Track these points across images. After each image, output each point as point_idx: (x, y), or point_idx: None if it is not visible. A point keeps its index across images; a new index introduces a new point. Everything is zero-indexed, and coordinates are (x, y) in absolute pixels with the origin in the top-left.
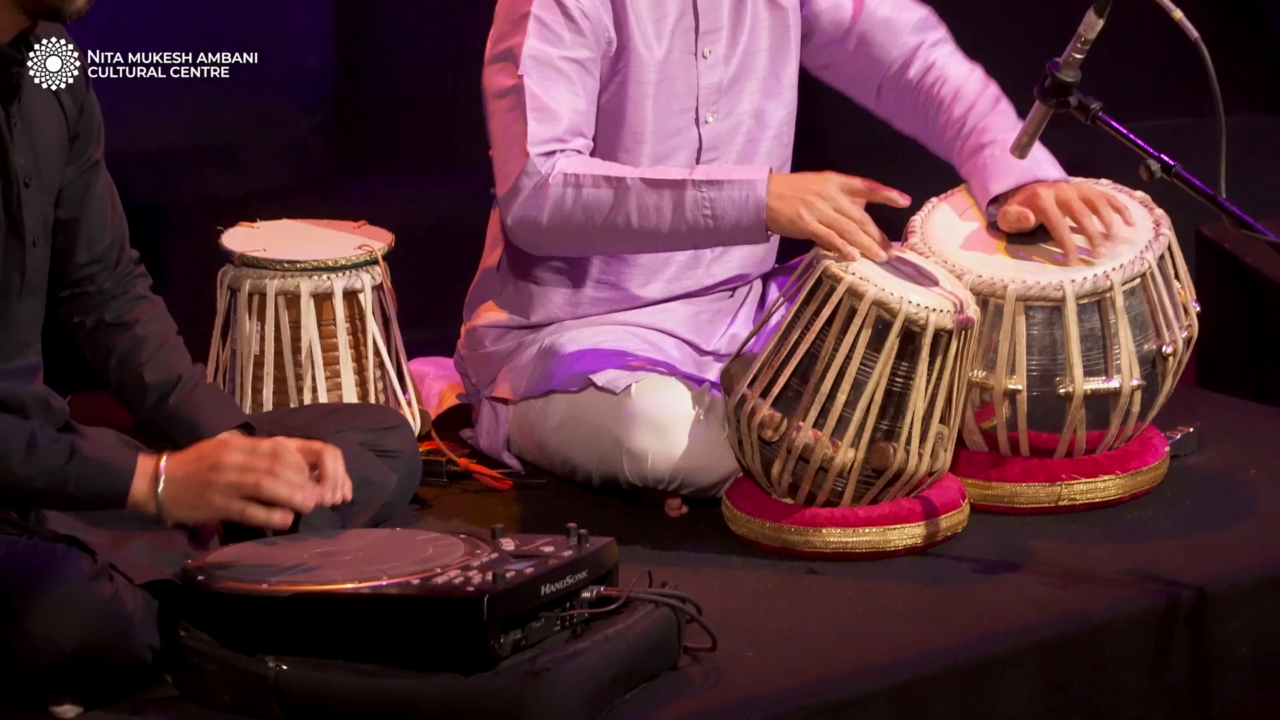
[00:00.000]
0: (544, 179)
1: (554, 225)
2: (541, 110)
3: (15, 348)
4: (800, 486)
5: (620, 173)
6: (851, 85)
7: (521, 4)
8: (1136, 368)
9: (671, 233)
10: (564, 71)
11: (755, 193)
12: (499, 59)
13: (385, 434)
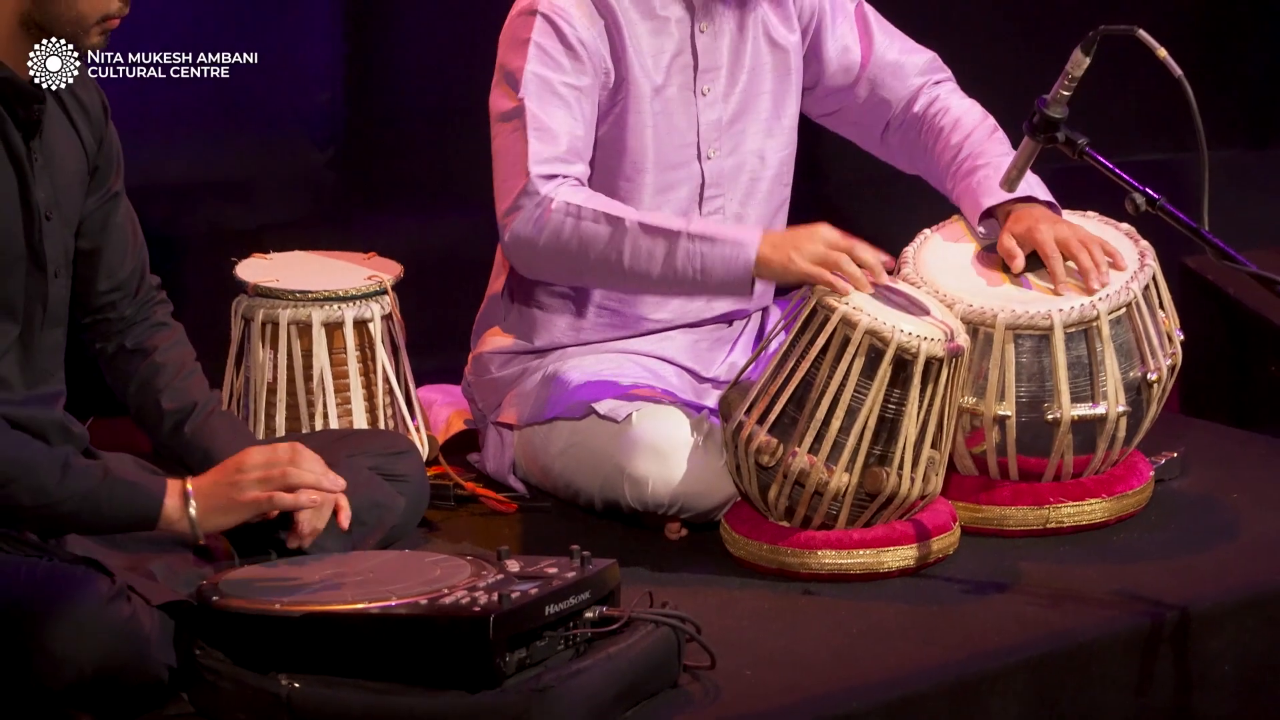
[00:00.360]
0: (545, 200)
1: (548, 250)
2: (542, 131)
3: (39, 376)
4: (796, 510)
5: (620, 212)
6: (857, 130)
7: (522, 31)
8: (1122, 394)
9: (660, 279)
10: (563, 96)
11: (744, 254)
12: (501, 83)
13: (394, 459)
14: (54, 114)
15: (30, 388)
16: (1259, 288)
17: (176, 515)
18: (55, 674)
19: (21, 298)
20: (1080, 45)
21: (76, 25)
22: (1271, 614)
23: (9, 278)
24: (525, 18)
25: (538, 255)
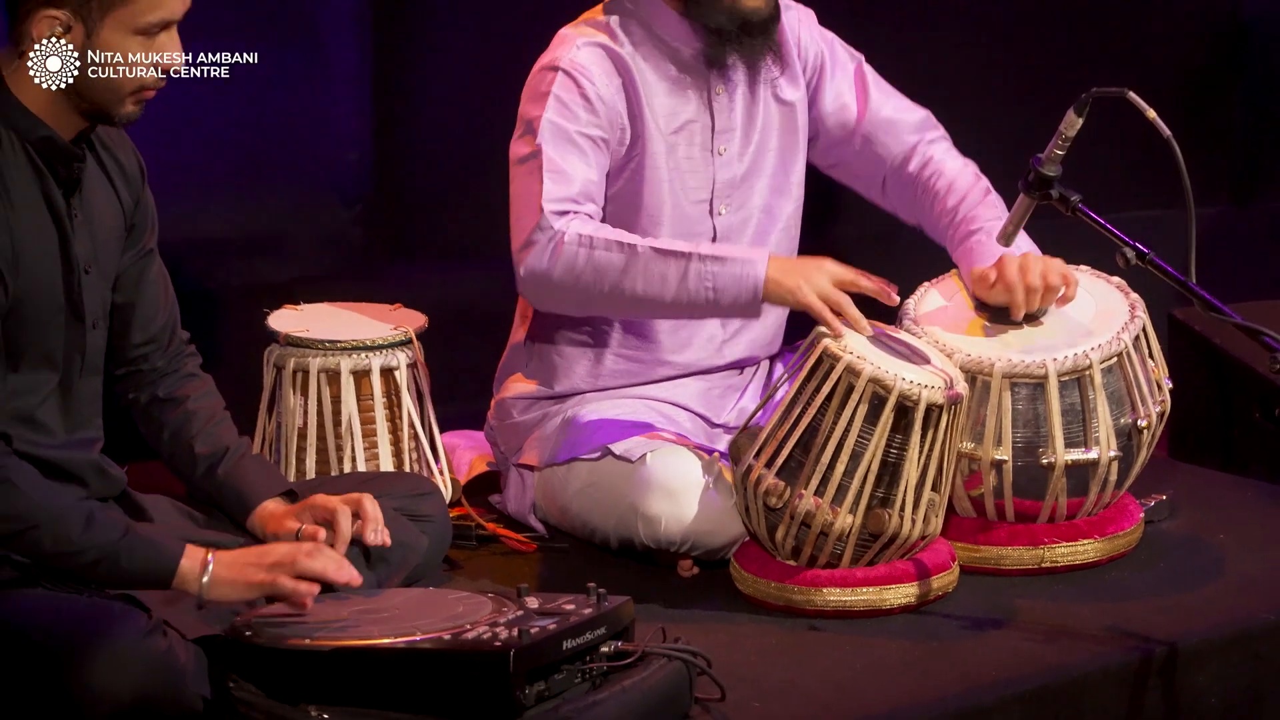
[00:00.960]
0: (558, 235)
1: (563, 281)
2: (557, 173)
3: (78, 421)
4: (802, 549)
5: (631, 240)
6: (858, 181)
7: (543, 84)
8: (1114, 440)
9: (673, 301)
10: (578, 144)
11: (754, 271)
12: (522, 131)
13: (418, 500)
14: (93, 173)
15: (70, 432)
16: (1244, 338)
17: (190, 579)
18: (95, 705)
19: (61, 347)
20: (1073, 106)
21: (112, 94)
22: (1256, 650)
23: (49, 328)
24: (546, 72)
25: (552, 288)
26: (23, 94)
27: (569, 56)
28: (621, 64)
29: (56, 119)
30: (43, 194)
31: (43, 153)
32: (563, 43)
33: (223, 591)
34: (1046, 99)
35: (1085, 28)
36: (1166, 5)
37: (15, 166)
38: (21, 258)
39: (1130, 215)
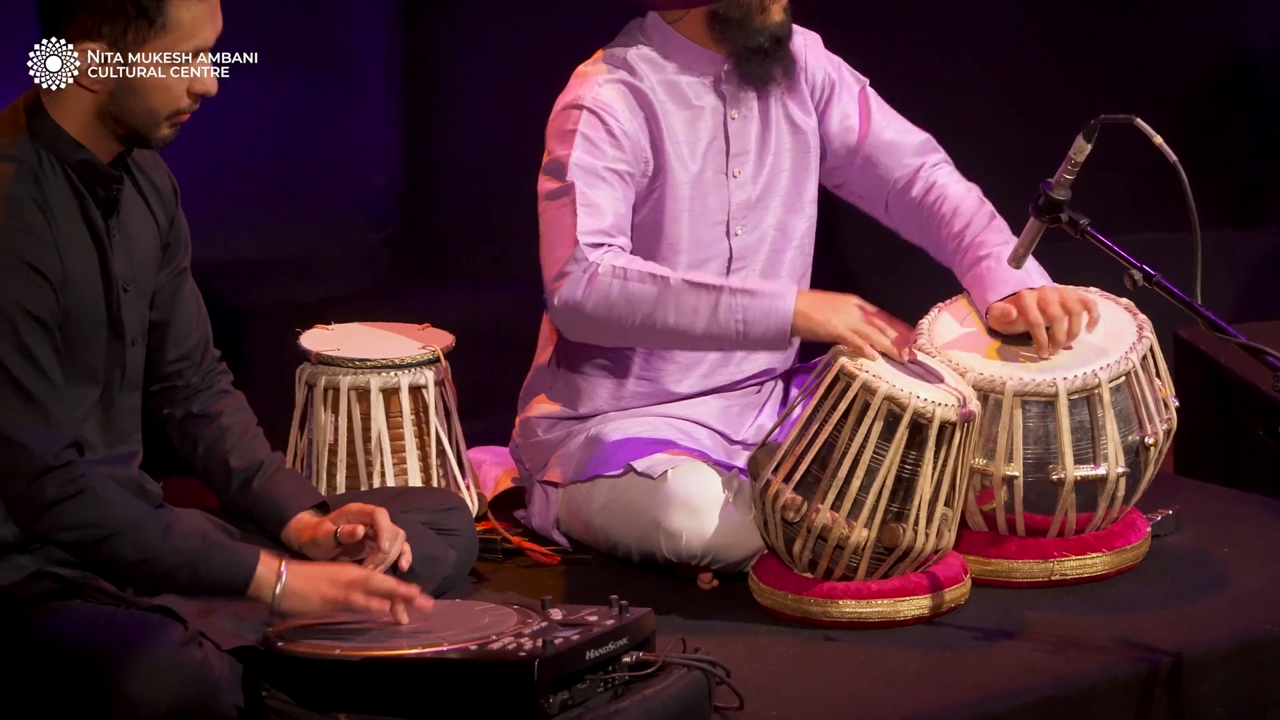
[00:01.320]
0: (592, 267)
1: (596, 312)
2: (590, 207)
3: (118, 436)
4: (819, 562)
5: (663, 272)
6: (862, 201)
7: (568, 123)
8: (1121, 456)
9: (703, 334)
10: (606, 179)
11: (783, 305)
12: (549, 168)
13: (446, 515)
14: (130, 195)
15: (110, 447)
16: (1248, 357)
17: (264, 587)
18: (132, 715)
19: (102, 364)
20: (1082, 133)
21: (149, 119)
22: (1259, 660)
23: (90, 344)
24: (571, 111)
25: (585, 318)
26: (63, 119)
27: (592, 94)
28: (642, 98)
29: (95, 142)
30: (83, 215)
31: (82, 175)
32: (584, 81)
33: (294, 603)
34: (1056, 125)
35: (1094, 56)
36: (1173, 35)
37: (56, 189)
38: (68, 276)
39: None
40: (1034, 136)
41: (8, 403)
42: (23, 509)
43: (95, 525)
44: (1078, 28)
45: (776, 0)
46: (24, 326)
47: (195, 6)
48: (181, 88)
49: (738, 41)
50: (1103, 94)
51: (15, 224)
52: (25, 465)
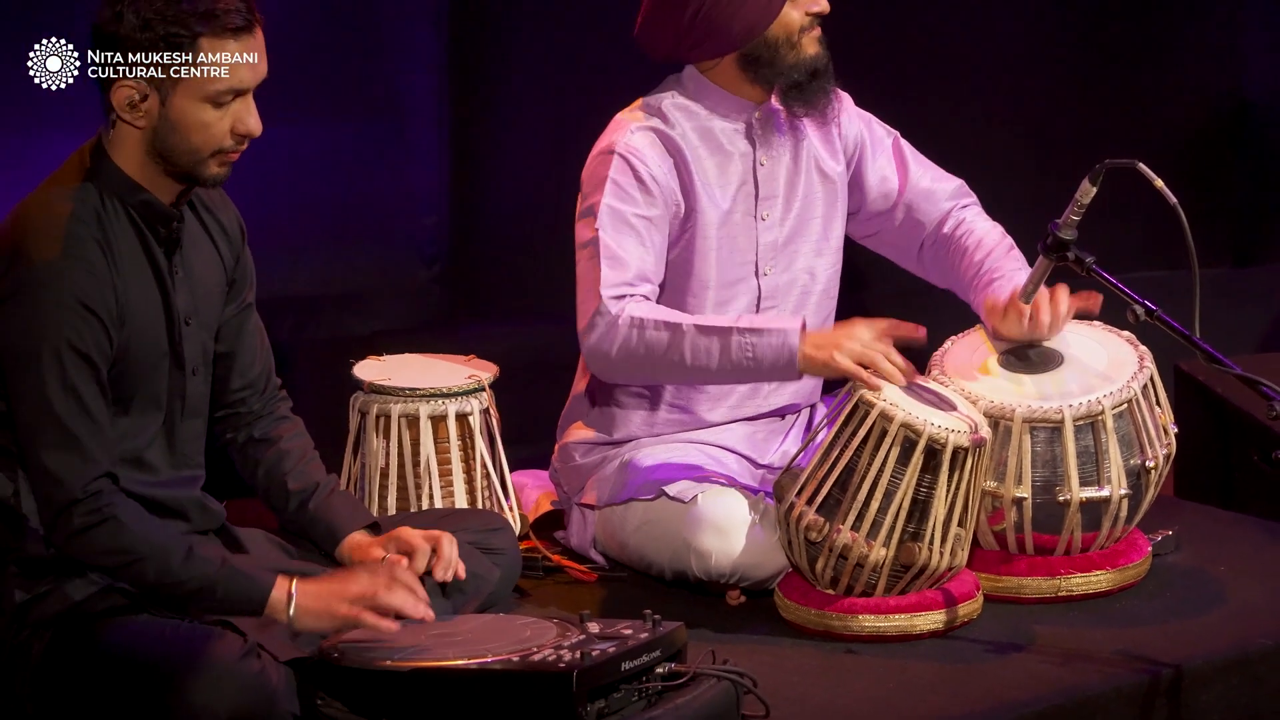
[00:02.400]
0: (614, 318)
1: (621, 358)
2: (613, 259)
3: (180, 461)
4: (840, 579)
5: (677, 319)
6: (895, 250)
7: (601, 169)
8: (1124, 479)
9: (719, 370)
10: (635, 226)
11: (789, 340)
12: (583, 215)
13: (490, 534)
14: (196, 233)
15: (174, 470)
16: (1243, 387)
17: (278, 609)
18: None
19: (164, 392)
20: (1088, 176)
21: (192, 156)
22: (1255, 672)
23: (154, 374)
24: (604, 156)
25: (612, 364)
26: (123, 162)
27: (624, 141)
28: (673, 145)
29: (152, 182)
30: (145, 252)
31: (143, 215)
32: (618, 128)
33: (308, 621)
34: (1064, 169)
35: (1100, 104)
36: (1175, 85)
37: (118, 229)
38: (126, 312)
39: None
40: (1043, 180)
41: (48, 435)
42: (55, 536)
43: (120, 551)
44: (1085, 78)
45: (806, 34)
46: (71, 363)
47: (229, 45)
48: (223, 126)
49: (771, 80)
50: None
51: (73, 262)
52: (57, 495)
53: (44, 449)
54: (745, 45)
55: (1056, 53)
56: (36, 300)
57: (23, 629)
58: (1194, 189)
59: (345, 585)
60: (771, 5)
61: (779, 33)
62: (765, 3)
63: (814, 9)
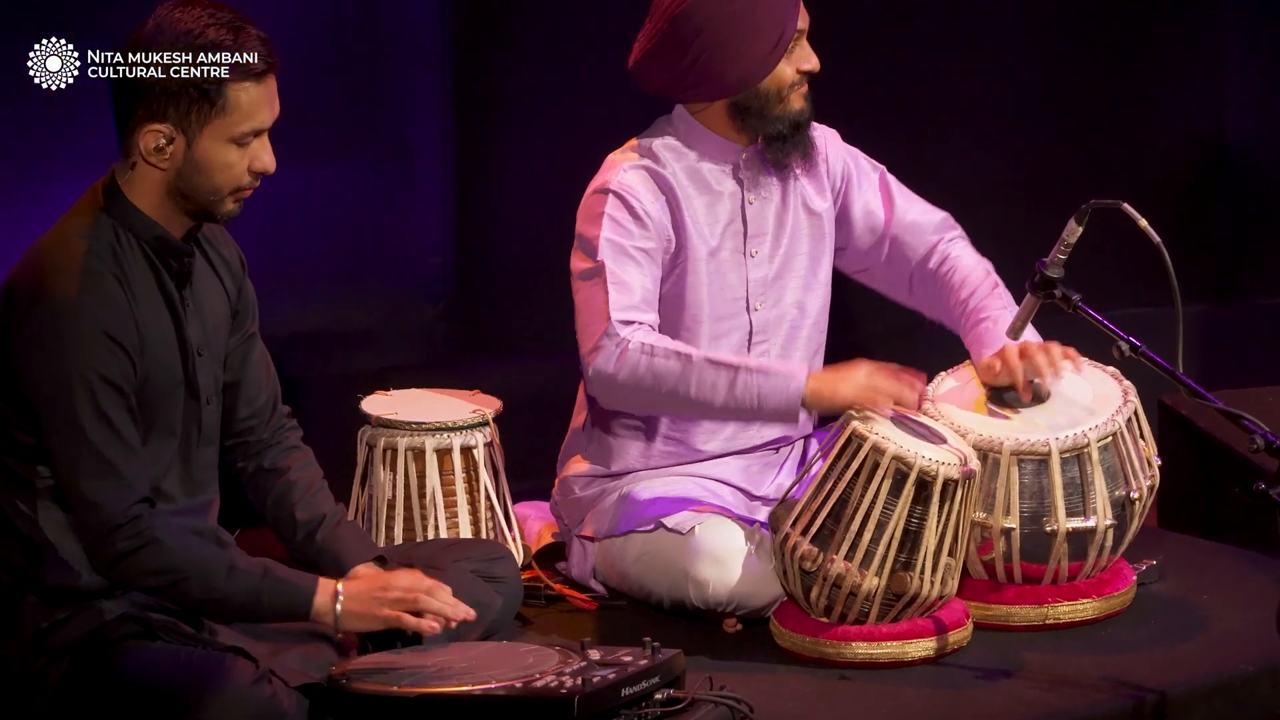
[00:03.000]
0: (624, 342)
1: (626, 383)
2: (620, 284)
3: (196, 487)
4: (834, 608)
5: (687, 350)
6: (885, 284)
7: (597, 206)
8: (1109, 510)
9: (722, 407)
10: (634, 257)
11: (794, 384)
12: (581, 248)
13: (494, 564)
14: (202, 267)
15: (190, 497)
16: (1225, 421)
17: (324, 611)
18: None
19: (180, 421)
20: (1074, 216)
21: (213, 195)
22: (1237, 697)
23: (169, 403)
24: (599, 195)
25: (617, 388)
26: (138, 199)
27: (618, 179)
28: (664, 183)
29: (167, 219)
30: (159, 286)
31: (157, 250)
32: (611, 168)
33: (354, 624)
34: (1051, 209)
35: (1086, 146)
36: (1159, 126)
37: (134, 264)
38: (146, 342)
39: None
40: (1031, 219)
41: (84, 464)
42: (99, 561)
43: (165, 572)
44: (1071, 121)
45: (795, 89)
46: (101, 393)
47: (253, 90)
48: (243, 165)
49: (757, 129)
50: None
51: (94, 296)
52: (99, 521)
53: (82, 478)
54: (737, 94)
55: (1043, 96)
56: (61, 334)
57: (41, 655)
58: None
59: (388, 588)
60: (767, 60)
61: (770, 86)
62: (761, 57)
63: (805, 67)
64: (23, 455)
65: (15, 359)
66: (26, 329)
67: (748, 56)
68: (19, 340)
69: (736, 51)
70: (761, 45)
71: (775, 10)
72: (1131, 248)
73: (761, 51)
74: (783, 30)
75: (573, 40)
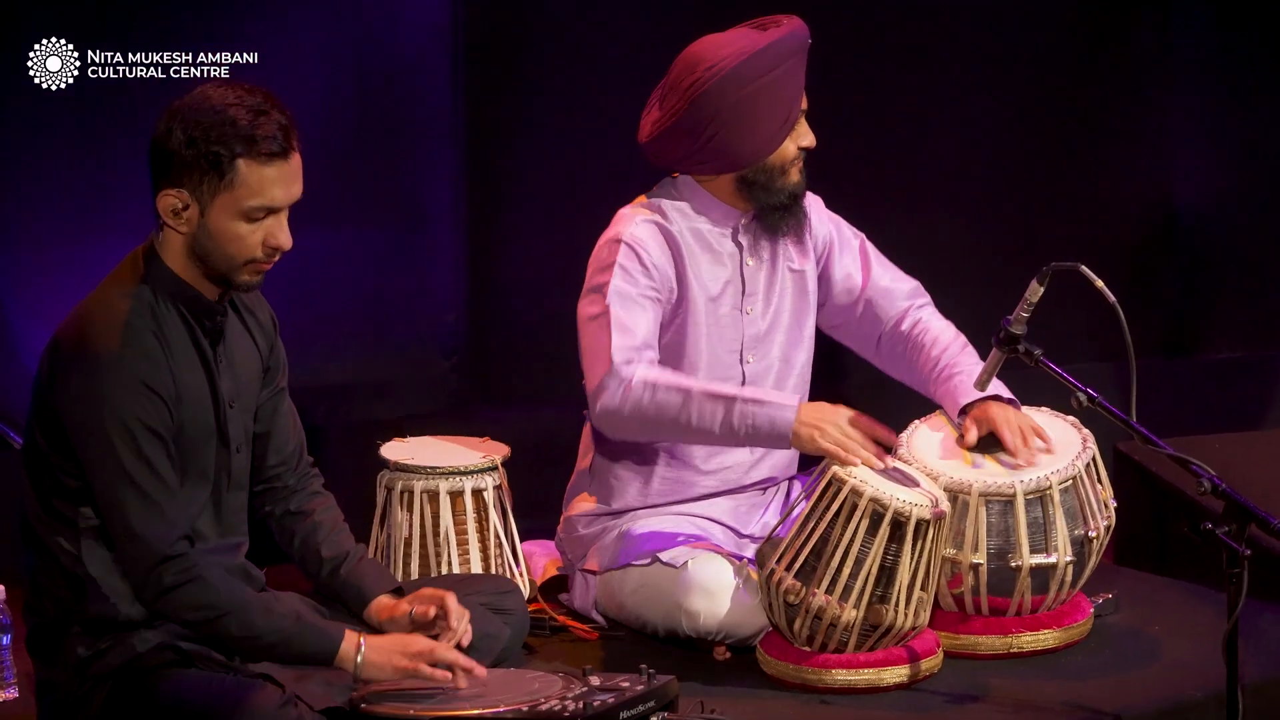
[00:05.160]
0: (627, 380)
1: (631, 416)
2: (623, 328)
3: (227, 529)
4: (815, 638)
5: (686, 384)
6: (854, 340)
7: (608, 255)
8: (1069, 548)
9: (720, 434)
10: (640, 303)
11: (786, 414)
12: (590, 293)
13: (502, 597)
14: (236, 327)
15: (221, 538)
16: (1175, 466)
17: (347, 660)
18: None
19: (212, 468)
20: (1036, 277)
21: (228, 263)
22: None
23: (202, 452)
24: (611, 244)
25: (623, 421)
26: (171, 262)
27: (630, 231)
28: (671, 238)
29: (198, 282)
30: (193, 343)
31: (191, 310)
32: (623, 220)
33: (373, 671)
34: (1014, 270)
35: (1047, 212)
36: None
37: (170, 322)
38: (181, 394)
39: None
40: (995, 280)
41: (130, 503)
42: (146, 593)
43: (207, 608)
44: (1032, 191)
45: (795, 164)
46: (142, 438)
47: (263, 170)
48: (255, 239)
49: (761, 200)
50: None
51: (135, 350)
52: (146, 556)
53: (130, 515)
54: (746, 168)
55: (1007, 167)
56: (103, 385)
57: (85, 681)
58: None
59: (407, 643)
60: (776, 137)
61: (776, 161)
62: (770, 135)
63: (804, 143)
64: (68, 497)
65: (60, 409)
66: (72, 381)
67: (759, 135)
68: (64, 392)
69: (750, 130)
70: (772, 124)
71: (785, 92)
72: (1089, 306)
73: (771, 130)
74: (790, 111)
75: (577, 115)
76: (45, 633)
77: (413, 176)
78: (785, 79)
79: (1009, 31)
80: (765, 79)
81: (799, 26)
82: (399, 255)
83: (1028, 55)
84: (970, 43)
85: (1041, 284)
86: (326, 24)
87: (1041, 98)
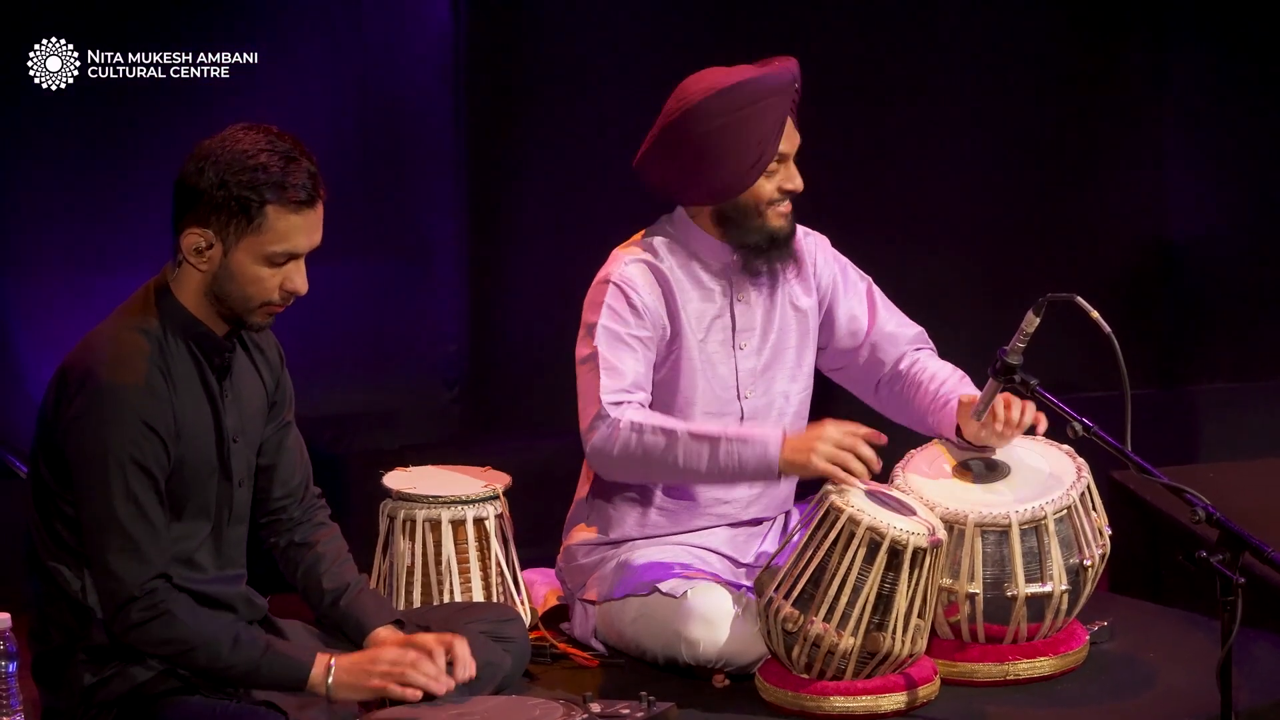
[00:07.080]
0: (615, 422)
1: (620, 458)
2: (611, 370)
3: (227, 561)
4: (814, 665)
5: (672, 425)
6: (857, 384)
7: (599, 296)
8: (1064, 576)
9: (708, 473)
10: (629, 344)
11: (770, 449)
12: (583, 335)
13: (503, 625)
14: (243, 362)
15: (220, 570)
16: (1170, 495)
17: (318, 683)
18: None
19: (213, 502)
20: (1032, 308)
21: (244, 304)
22: None
23: (205, 486)
24: (602, 285)
25: (613, 462)
26: (184, 298)
27: (619, 272)
28: (661, 277)
29: (208, 318)
30: (200, 378)
31: (200, 345)
32: (614, 261)
33: (345, 693)
34: (1010, 302)
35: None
36: (1108, 228)
37: (178, 357)
38: (183, 430)
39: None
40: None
41: (109, 539)
42: (114, 627)
43: (175, 642)
44: (1028, 219)
45: (774, 207)
46: (132, 475)
47: (291, 218)
48: (274, 283)
49: (736, 237)
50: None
51: (138, 385)
52: (116, 593)
53: (107, 551)
54: (719, 203)
55: (1004, 201)
56: (104, 418)
57: (91, 708)
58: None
59: (375, 660)
60: (746, 176)
61: (749, 200)
62: (741, 172)
63: (787, 186)
64: (71, 526)
65: (61, 436)
66: (74, 410)
67: (727, 170)
68: (66, 419)
69: (717, 164)
70: (740, 162)
71: (756, 132)
72: (1084, 336)
73: (740, 168)
74: (762, 151)
75: (576, 148)
76: (51, 660)
77: (415, 210)
78: (756, 118)
79: (1004, 65)
80: (732, 117)
81: (784, 69)
82: (401, 287)
83: (1023, 88)
84: (965, 76)
85: (1037, 314)
86: (329, 58)
87: (1036, 130)
